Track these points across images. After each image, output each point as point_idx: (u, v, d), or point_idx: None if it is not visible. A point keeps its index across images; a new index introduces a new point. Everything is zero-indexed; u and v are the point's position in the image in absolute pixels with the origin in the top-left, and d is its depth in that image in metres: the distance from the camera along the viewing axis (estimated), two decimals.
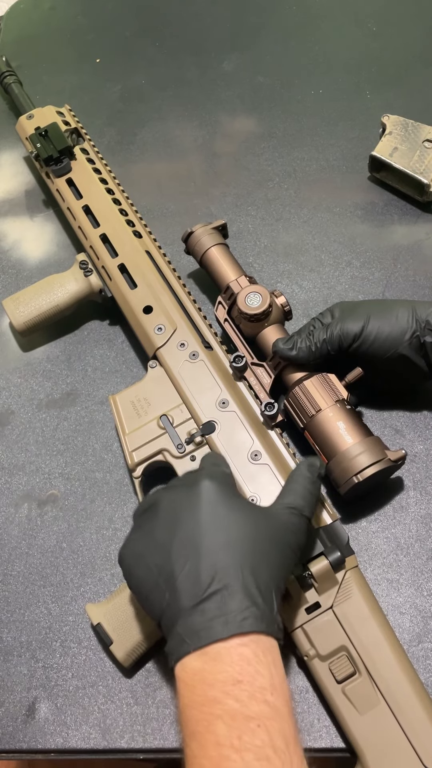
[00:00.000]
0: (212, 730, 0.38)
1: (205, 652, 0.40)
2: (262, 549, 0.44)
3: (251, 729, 0.38)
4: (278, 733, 0.38)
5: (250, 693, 0.39)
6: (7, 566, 0.61)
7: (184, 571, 0.43)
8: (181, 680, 0.41)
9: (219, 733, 0.38)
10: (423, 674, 0.52)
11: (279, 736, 0.38)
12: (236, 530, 0.44)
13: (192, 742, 0.39)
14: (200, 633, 0.41)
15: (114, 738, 0.53)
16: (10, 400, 0.70)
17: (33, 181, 0.87)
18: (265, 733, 0.38)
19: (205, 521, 0.44)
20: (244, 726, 0.38)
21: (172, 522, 0.45)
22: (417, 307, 0.57)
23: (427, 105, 0.84)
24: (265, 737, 0.38)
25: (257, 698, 0.39)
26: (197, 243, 0.68)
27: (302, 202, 0.80)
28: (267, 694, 0.39)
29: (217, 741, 0.38)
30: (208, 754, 0.38)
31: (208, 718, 0.39)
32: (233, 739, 0.38)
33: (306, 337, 0.58)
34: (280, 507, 0.48)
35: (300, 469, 0.51)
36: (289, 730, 0.39)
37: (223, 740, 0.38)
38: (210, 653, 0.40)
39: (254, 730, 0.38)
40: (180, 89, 0.93)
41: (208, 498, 0.46)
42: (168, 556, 0.44)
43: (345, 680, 0.49)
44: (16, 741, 0.54)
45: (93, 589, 0.60)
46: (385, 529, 0.59)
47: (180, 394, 0.61)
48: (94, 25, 1.03)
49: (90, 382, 0.70)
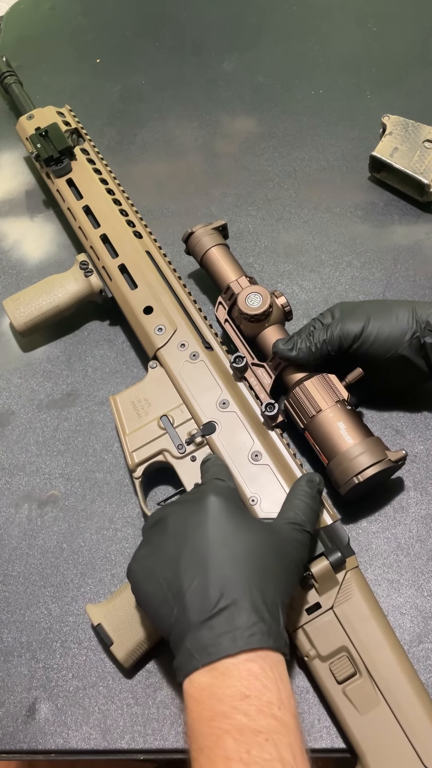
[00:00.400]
0: (221, 744, 0.39)
1: (214, 668, 0.41)
2: (267, 565, 0.45)
3: (259, 743, 0.38)
4: (286, 746, 0.39)
5: (257, 707, 0.40)
6: (8, 566, 0.61)
7: (192, 587, 0.43)
8: (189, 695, 0.41)
9: (228, 748, 0.38)
10: (423, 674, 0.52)
11: (287, 750, 0.39)
12: (242, 546, 0.45)
13: (200, 757, 0.40)
14: (209, 649, 0.41)
15: (114, 738, 0.53)
16: (11, 400, 0.70)
17: (33, 181, 0.87)
18: (273, 747, 0.38)
19: (212, 537, 0.45)
20: (252, 740, 0.38)
21: (180, 537, 0.46)
22: (417, 307, 0.57)
23: (427, 105, 0.84)
24: (273, 751, 0.38)
25: (265, 712, 0.40)
26: (197, 243, 0.68)
27: (302, 203, 0.80)
28: (274, 709, 0.40)
29: (226, 755, 0.38)
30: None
31: (216, 733, 0.39)
32: (242, 753, 0.38)
33: (306, 337, 0.58)
34: (283, 523, 0.49)
35: (300, 485, 0.52)
36: (296, 744, 0.40)
37: (232, 754, 0.38)
38: (218, 669, 0.41)
39: (262, 744, 0.38)
40: (180, 89, 0.93)
41: (215, 514, 0.46)
42: (176, 571, 0.44)
43: (345, 681, 0.49)
44: (17, 741, 0.54)
45: (93, 589, 0.60)
46: (386, 529, 0.59)
47: (180, 394, 0.61)
48: (94, 25, 1.03)
49: (90, 383, 0.70)
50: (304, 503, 0.50)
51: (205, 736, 0.40)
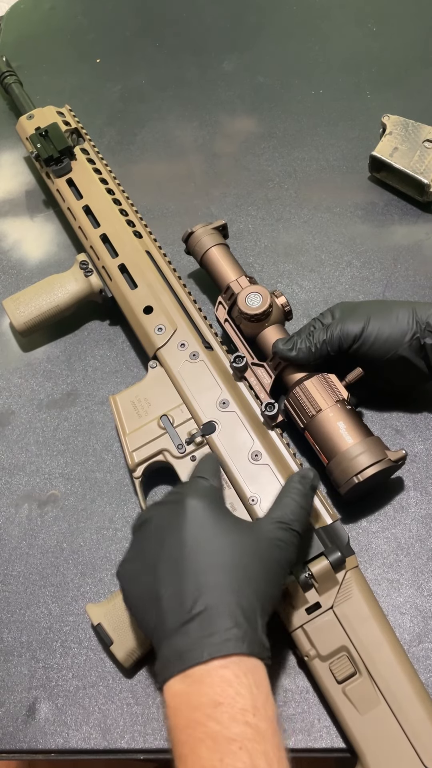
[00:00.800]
0: (197, 753, 0.39)
1: (188, 675, 0.40)
2: (247, 568, 0.44)
3: (233, 751, 0.38)
4: (260, 754, 0.38)
5: (230, 715, 0.39)
6: (8, 566, 0.61)
7: (169, 593, 0.43)
8: (167, 703, 0.41)
9: (203, 756, 0.38)
10: (423, 674, 0.52)
11: (261, 758, 0.38)
12: (220, 549, 0.44)
13: (180, 765, 0.40)
14: (183, 656, 0.41)
15: (114, 738, 0.53)
16: (11, 400, 0.70)
17: (33, 181, 0.87)
18: (247, 755, 0.38)
19: (189, 542, 0.44)
20: (225, 748, 0.38)
21: (158, 542, 0.46)
22: (417, 308, 0.57)
23: (427, 105, 0.84)
24: (247, 759, 0.38)
25: (238, 720, 0.39)
26: (197, 243, 0.68)
27: (302, 202, 0.80)
28: (248, 716, 0.39)
29: (202, 764, 0.38)
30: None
31: (192, 741, 0.39)
32: (215, 761, 0.38)
33: (306, 337, 0.58)
34: (269, 522, 0.47)
35: (292, 482, 0.51)
36: (272, 751, 0.39)
37: (206, 763, 0.38)
38: (193, 676, 0.40)
39: (236, 752, 0.38)
40: (180, 89, 0.93)
41: (193, 517, 0.45)
42: (156, 576, 0.44)
43: (345, 680, 0.49)
44: (17, 741, 0.54)
45: (93, 589, 0.60)
46: (386, 529, 0.59)
47: (180, 394, 0.61)
48: (94, 25, 1.03)
49: (90, 383, 0.70)
50: (294, 501, 0.49)
51: (182, 744, 0.40)
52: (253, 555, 0.45)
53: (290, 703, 0.53)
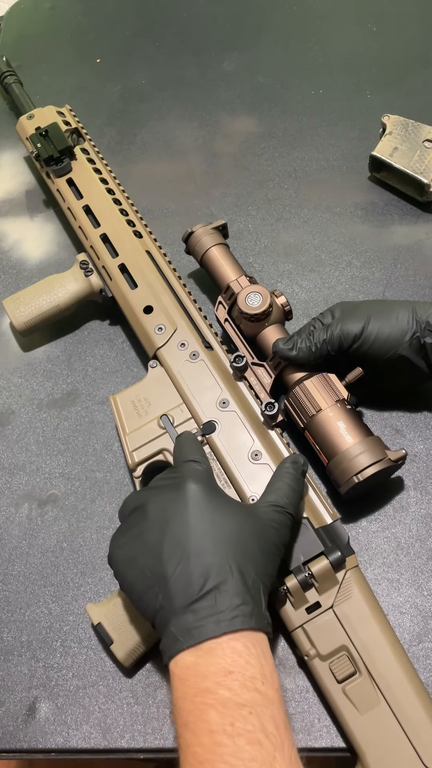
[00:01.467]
0: (205, 718, 0.40)
1: (198, 648, 0.42)
2: (248, 548, 0.46)
3: (243, 715, 0.39)
4: (269, 718, 0.40)
5: (241, 682, 0.41)
6: (8, 566, 0.61)
7: (176, 573, 0.44)
8: (174, 675, 0.42)
9: (211, 721, 0.39)
10: (423, 674, 0.52)
11: (270, 721, 0.40)
12: (223, 531, 0.46)
13: (185, 732, 0.40)
14: (192, 632, 0.42)
15: (114, 738, 0.53)
16: (11, 400, 0.70)
17: (33, 181, 0.87)
18: (257, 719, 0.39)
19: (193, 524, 0.46)
20: (236, 713, 0.39)
21: (161, 525, 0.46)
22: (417, 307, 0.57)
23: (427, 105, 0.84)
24: (257, 722, 0.39)
25: (248, 687, 0.40)
26: (197, 243, 0.68)
27: (302, 202, 0.80)
28: (258, 683, 0.41)
29: (210, 728, 0.39)
30: (201, 741, 0.39)
31: (200, 708, 0.40)
32: (225, 725, 0.39)
33: (306, 337, 0.58)
34: (264, 505, 0.49)
35: (284, 467, 0.53)
36: (279, 716, 0.41)
37: (215, 727, 0.39)
38: (203, 648, 0.42)
39: (246, 716, 0.39)
40: (180, 89, 0.93)
41: (194, 500, 0.47)
42: (159, 558, 0.45)
43: (345, 680, 0.49)
44: (17, 741, 0.54)
45: (93, 588, 0.60)
46: (386, 528, 0.59)
47: (180, 393, 0.61)
48: (94, 25, 1.03)
49: (90, 382, 0.70)
50: (287, 485, 0.51)
51: (189, 712, 0.41)
52: (253, 535, 0.47)
53: (290, 702, 0.53)
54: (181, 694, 0.41)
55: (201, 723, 0.40)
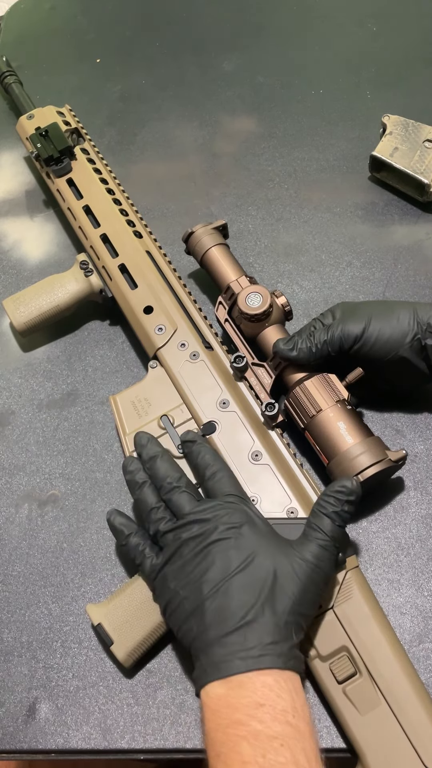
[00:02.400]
0: (237, 750, 0.40)
1: (229, 680, 0.43)
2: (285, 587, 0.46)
3: (275, 748, 0.40)
4: (301, 751, 0.40)
5: (272, 715, 0.41)
6: (8, 566, 0.61)
7: (212, 607, 0.45)
8: (206, 705, 0.43)
9: (244, 753, 0.40)
10: (423, 674, 0.52)
11: (301, 754, 0.40)
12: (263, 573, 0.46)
13: (218, 763, 0.41)
14: (220, 665, 0.43)
15: (114, 738, 0.53)
16: (11, 400, 0.70)
17: (33, 181, 0.87)
18: (288, 751, 0.40)
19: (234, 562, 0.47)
20: (267, 745, 0.40)
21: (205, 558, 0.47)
22: (418, 309, 0.56)
23: (427, 105, 0.84)
24: (288, 755, 0.40)
25: (279, 720, 0.41)
26: (198, 243, 0.68)
27: (302, 202, 0.80)
28: (289, 716, 0.41)
29: (243, 760, 0.40)
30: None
31: (233, 739, 0.41)
32: (258, 757, 0.40)
33: (307, 337, 0.58)
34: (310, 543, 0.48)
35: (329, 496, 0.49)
36: (310, 749, 0.41)
37: (248, 758, 0.40)
38: (233, 681, 0.43)
39: (277, 748, 0.40)
40: (180, 89, 0.93)
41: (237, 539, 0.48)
42: (199, 592, 0.46)
43: (346, 680, 0.49)
44: (17, 741, 0.54)
45: (93, 589, 0.59)
46: (386, 529, 0.59)
47: (180, 394, 0.61)
48: (94, 25, 1.03)
49: (90, 383, 0.70)
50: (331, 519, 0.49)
51: (221, 743, 0.41)
52: (292, 574, 0.47)
53: None
54: (213, 725, 0.42)
55: (233, 754, 0.40)
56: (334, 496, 0.49)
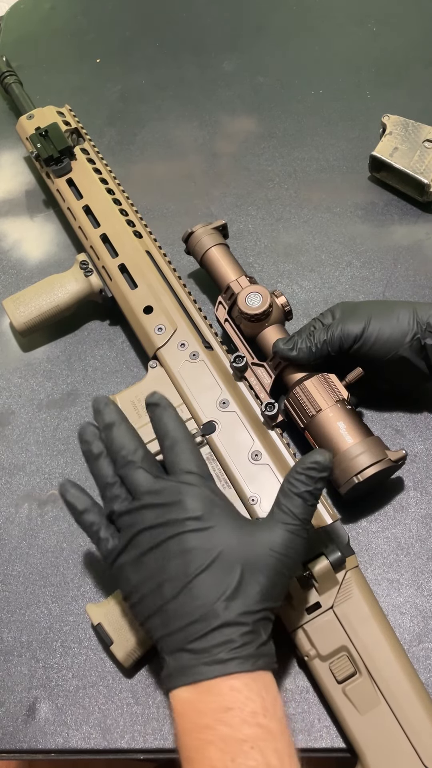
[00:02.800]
0: (206, 754, 0.39)
1: (196, 686, 0.41)
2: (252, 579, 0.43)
3: (244, 751, 0.39)
4: (272, 752, 0.39)
5: (241, 718, 0.40)
6: (8, 566, 0.61)
7: (175, 609, 0.43)
8: (174, 710, 0.42)
9: (213, 757, 0.39)
10: (423, 674, 0.52)
11: (273, 755, 0.39)
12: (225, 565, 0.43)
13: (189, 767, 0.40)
14: (186, 671, 0.41)
15: (114, 738, 0.53)
16: (11, 400, 0.70)
17: (33, 181, 0.87)
18: (259, 754, 0.39)
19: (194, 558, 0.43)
20: (236, 749, 0.39)
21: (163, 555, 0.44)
22: (418, 308, 0.57)
23: (427, 105, 0.84)
24: (259, 757, 0.39)
25: (249, 722, 0.40)
26: (197, 243, 0.68)
27: (302, 202, 0.80)
28: (259, 718, 0.40)
29: (212, 764, 0.39)
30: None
31: (200, 744, 0.40)
32: (227, 761, 0.38)
33: (306, 337, 0.58)
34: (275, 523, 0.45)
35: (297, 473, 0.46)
36: (283, 748, 0.40)
37: (217, 763, 0.39)
38: (200, 687, 0.41)
39: (247, 751, 0.39)
40: (180, 89, 0.93)
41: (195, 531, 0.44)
42: (161, 591, 0.44)
43: (345, 680, 0.49)
44: (17, 741, 0.54)
45: (93, 589, 0.60)
46: (386, 529, 0.59)
47: (180, 394, 0.61)
48: (94, 25, 1.03)
49: (90, 382, 0.70)
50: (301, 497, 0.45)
51: (190, 748, 0.40)
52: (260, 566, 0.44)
53: (290, 703, 0.53)
54: (182, 729, 0.41)
55: (203, 759, 0.39)
56: (306, 473, 0.45)
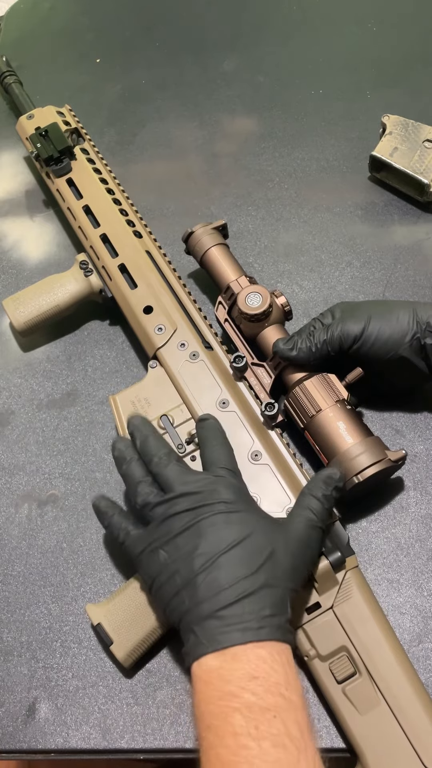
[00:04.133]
0: (230, 721, 0.40)
1: (223, 653, 0.42)
2: (278, 562, 0.46)
3: (268, 719, 0.40)
4: (293, 722, 0.40)
5: (265, 687, 0.41)
6: (8, 566, 0.61)
7: (206, 581, 0.45)
8: (197, 677, 0.43)
9: (236, 724, 0.40)
10: (423, 674, 0.52)
11: (294, 726, 0.40)
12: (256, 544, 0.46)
13: (208, 734, 0.41)
14: (218, 637, 0.43)
15: (114, 738, 0.53)
16: (11, 400, 0.70)
17: (33, 181, 0.87)
18: (281, 723, 0.40)
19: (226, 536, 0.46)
20: (260, 716, 0.40)
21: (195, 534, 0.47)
22: (418, 308, 0.57)
23: (427, 105, 0.84)
24: (281, 726, 0.40)
25: (273, 692, 0.41)
26: (197, 243, 0.68)
27: (302, 202, 0.80)
28: (282, 689, 0.42)
29: (235, 731, 0.40)
30: (226, 743, 0.40)
31: (225, 711, 0.41)
32: (250, 728, 0.40)
33: (306, 337, 0.58)
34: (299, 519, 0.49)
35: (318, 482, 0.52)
36: (303, 720, 0.41)
37: (240, 730, 0.40)
38: (227, 653, 0.42)
39: (270, 720, 0.40)
40: (180, 89, 0.93)
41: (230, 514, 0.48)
42: (191, 566, 0.46)
43: (345, 680, 0.49)
44: (17, 741, 0.54)
45: (93, 589, 0.60)
46: (386, 529, 0.59)
47: (180, 394, 0.61)
48: (94, 25, 1.03)
49: (90, 382, 0.70)
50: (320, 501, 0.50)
51: (213, 715, 0.41)
52: (285, 550, 0.47)
53: None
54: (205, 697, 0.42)
55: (226, 725, 0.40)
56: (323, 481, 0.51)
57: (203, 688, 0.42)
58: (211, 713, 0.41)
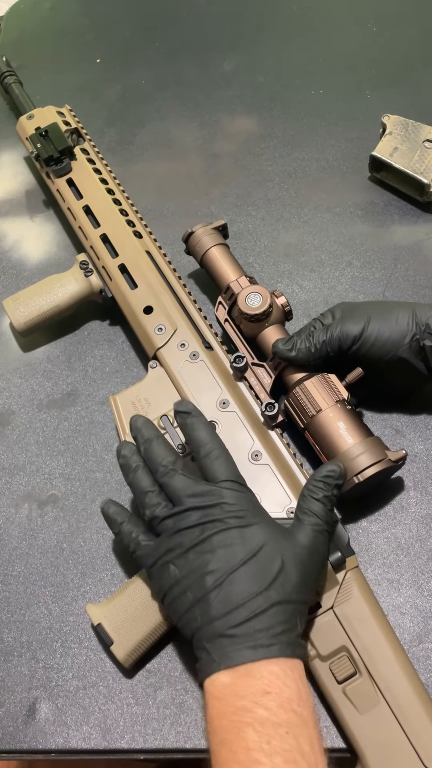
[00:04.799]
0: (242, 736, 0.40)
1: (235, 669, 0.43)
2: (288, 575, 0.46)
3: (280, 735, 0.40)
4: (305, 738, 0.41)
5: (278, 703, 0.41)
6: (8, 566, 0.61)
7: (218, 598, 0.45)
8: (210, 694, 0.43)
9: (249, 739, 0.40)
10: (423, 674, 0.52)
11: (306, 742, 0.40)
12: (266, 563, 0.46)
13: (222, 750, 0.41)
14: (230, 655, 0.43)
15: (114, 738, 0.53)
16: (11, 400, 0.70)
17: (33, 181, 0.87)
18: (293, 739, 0.40)
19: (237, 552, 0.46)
20: (273, 732, 0.40)
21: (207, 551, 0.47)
22: (417, 309, 0.57)
23: (427, 105, 0.84)
24: (293, 742, 0.40)
25: (285, 708, 0.41)
26: (197, 243, 0.68)
27: (302, 202, 0.80)
28: (294, 705, 0.42)
29: (247, 746, 0.40)
30: (238, 759, 0.40)
31: (238, 726, 0.41)
32: (263, 743, 0.40)
33: (306, 338, 0.58)
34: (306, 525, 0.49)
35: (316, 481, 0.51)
36: (314, 737, 0.41)
37: (253, 745, 0.40)
38: (240, 670, 0.43)
39: (283, 735, 0.40)
40: (180, 89, 0.93)
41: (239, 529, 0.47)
42: (202, 583, 0.46)
43: (345, 680, 0.49)
44: (17, 741, 0.54)
45: (93, 589, 0.60)
46: (386, 529, 0.59)
47: (180, 394, 0.61)
48: (94, 25, 1.03)
49: (90, 383, 0.70)
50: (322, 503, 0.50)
51: (226, 730, 0.41)
52: (294, 562, 0.46)
53: None
54: (218, 712, 0.42)
55: (238, 740, 0.40)
56: (323, 481, 0.50)
57: (216, 704, 0.43)
58: (224, 728, 0.42)
